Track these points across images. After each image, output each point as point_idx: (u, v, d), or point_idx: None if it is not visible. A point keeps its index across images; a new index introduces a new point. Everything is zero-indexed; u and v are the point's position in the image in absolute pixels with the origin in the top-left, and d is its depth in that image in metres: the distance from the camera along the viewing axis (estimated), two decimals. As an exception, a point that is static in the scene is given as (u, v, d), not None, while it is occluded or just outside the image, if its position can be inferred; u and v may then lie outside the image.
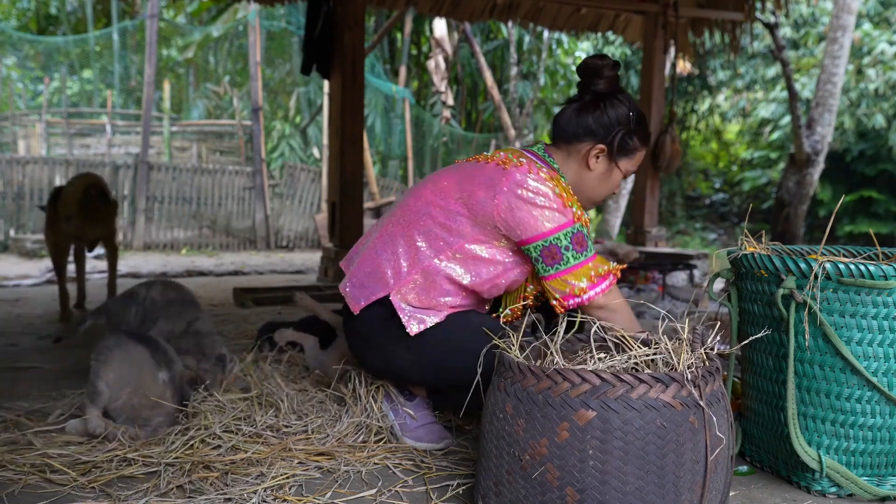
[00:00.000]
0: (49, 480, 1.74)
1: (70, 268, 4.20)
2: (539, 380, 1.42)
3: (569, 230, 1.86)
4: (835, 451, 1.75)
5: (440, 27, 10.56)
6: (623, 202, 11.92)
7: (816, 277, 1.70)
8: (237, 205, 10.55)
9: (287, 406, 2.20)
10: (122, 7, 13.66)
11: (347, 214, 5.25)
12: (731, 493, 1.75)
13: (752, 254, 1.84)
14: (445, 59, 11.29)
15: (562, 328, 1.61)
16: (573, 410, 1.37)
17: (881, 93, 12.31)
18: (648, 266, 5.02)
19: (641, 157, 2.04)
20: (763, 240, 1.98)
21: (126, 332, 2.18)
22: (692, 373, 1.41)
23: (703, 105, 15.83)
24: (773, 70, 13.15)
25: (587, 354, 1.64)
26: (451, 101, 11.69)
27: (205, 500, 1.64)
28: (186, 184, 10.19)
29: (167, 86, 12.41)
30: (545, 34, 11.99)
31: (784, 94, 12.65)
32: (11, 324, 3.85)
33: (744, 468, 1.93)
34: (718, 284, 2.04)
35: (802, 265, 1.72)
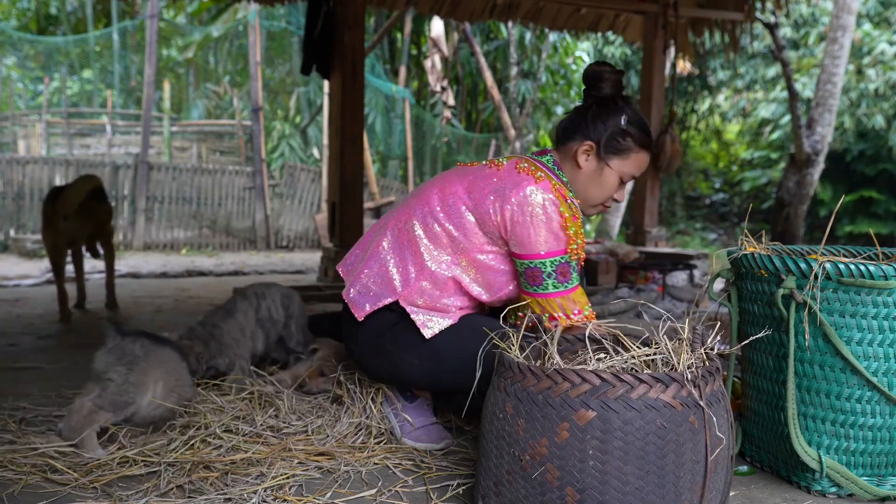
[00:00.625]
0: (49, 480, 1.74)
1: (69, 268, 4.20)
2: (539, 380, 1.42)
3: (556, 259, 1.86)
4: (835, 451, 1.75)
5: (437, 27, 10.55)
6: (623, 202, 11.92)
7: (816, 277, 1.70)
8: (237, 205, 10.55)
9: (287, 406, 2.20)
10: (122, 7, 13.65)
11: (347, 214, 5.25)
12: (731, 493, 1.75)
13: (752, 254, 1.84)
14: (444, 60, 11.28)
15: (558, 332, 1.61)
16: (573, 410, 1.37)
17: (881, 93, 12.31)
18: (648, 266, 5.02)
19: (641, 161, 1.99)
20: (763, 240, 1.99)
21: (142, 334, 2.10)
22: (692, 373, 1.41)
23: (703, 105, 15.83)
24: (773, 70, 13.15)
25: (587, 354, 1.64)
26: (452, 101, 11.68)
27: (205, 500, 1.64)
28: (186, 184, 10.19)
29: (167, 86, 12.40)
30: (550, 36, 11.98)
31: (784, 94, 12.65)
32: (11, 324, 3.85)
33: (744, 468, 1.93)
34: (718, 284, 2.04)
35: (802, 265, 1.72)
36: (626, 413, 1.36)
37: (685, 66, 11.09)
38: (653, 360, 1.59)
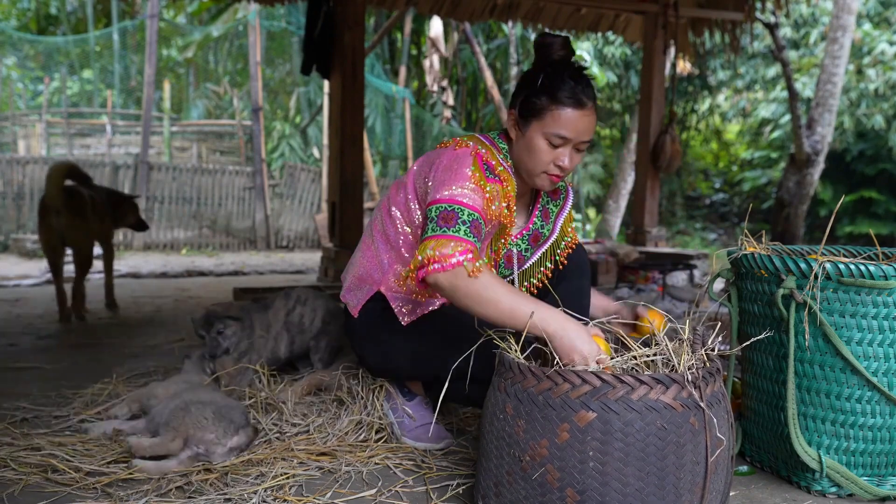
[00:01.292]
0: (50, 480, 1.74)
1: (69, 268, 4.19)
2: (539, 381, 1.42)
3: (443, 206, 1.72)
4: (835, 451, 1.75)
5: (436, 27, 10.53)
6: (623, 202, 11.92)
7: (816, 277, 1.70)
8: (237, 205, 10.55)
9: (289, 407, 2.20)
10: (122, 7, 13.65)
11: (347, 214, 5.25)
12: (731, 493, 1.75)
13: (752, 254, 1.84)
14: (442, 60, 11.27)
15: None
16: (573, 411, 1.37)
17: (881, 93, 12.31)
18: (648, 266, 5.02)
19: (564, 118, 1.80)
20: (763, 240, 1.99)
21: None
22: (692, 374, 1.41)
23: (703, 105, 15.82)
24: (774, 70, 13.14)
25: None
26: (452, 101, 11.67)
27: (205, 500, 1.64)
28: (186, 184, 10.19)
29: (167, 86, 12.40)
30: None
31: (784, 94, 12.65)
32: (11, 324, 3.85)
33: (744, 468, 1.93)
34: (718, 284, 2.04)
35: (802, 265, 1.72)
36: (627, 414, 1.36)
37: (685, 66, 11.07)
38: (653, 361, 1.59)
